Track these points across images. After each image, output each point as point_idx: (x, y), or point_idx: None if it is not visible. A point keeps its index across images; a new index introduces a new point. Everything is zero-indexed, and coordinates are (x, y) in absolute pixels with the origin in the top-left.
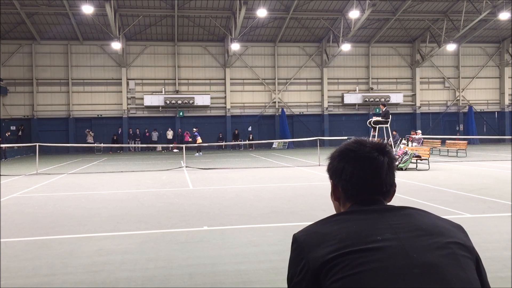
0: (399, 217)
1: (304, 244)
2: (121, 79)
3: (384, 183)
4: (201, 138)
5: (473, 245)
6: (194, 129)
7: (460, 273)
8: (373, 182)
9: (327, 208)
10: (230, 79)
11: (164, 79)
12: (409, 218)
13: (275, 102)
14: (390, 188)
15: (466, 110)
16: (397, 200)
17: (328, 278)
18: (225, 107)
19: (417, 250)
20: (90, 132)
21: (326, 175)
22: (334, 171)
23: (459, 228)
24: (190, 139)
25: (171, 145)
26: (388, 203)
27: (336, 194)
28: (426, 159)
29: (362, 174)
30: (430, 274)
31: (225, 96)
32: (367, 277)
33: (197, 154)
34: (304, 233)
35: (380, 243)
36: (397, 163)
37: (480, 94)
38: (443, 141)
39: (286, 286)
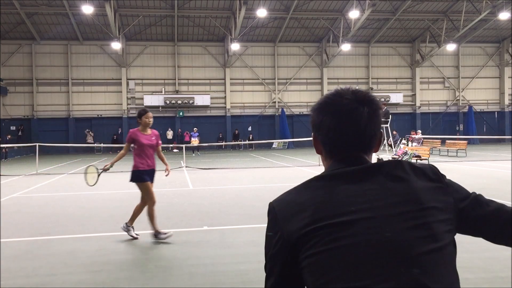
0: (374, 182)
1: (279, 216)
2: (121, 79)
3: (363, 135)
4: (198, 138)
5: (453, 193)
6: (195, 129)
7: (431, 244)
8: (352, 135)
9: None
10: (230, 79)
11: (164, 79)
12: (385, 182)
13: (275, 102)
14: (371, 141)
15: (466, 110)
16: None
17: (302, 252)
18: (225, 107)
19: (389, 224)
20: (90, 132)
21: None
22: (314, 124)
23: (433, 180)
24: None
25: (171, 145)
26: (374, 153)
27: (317, 147)
28: (426, 159)
29: (340, 127)
30: (401, 252)
31: (225, 96)
32: (339, 254)
33: (195, 154)
34: (280, 203)
35: (352, 216)
36: None
37: (480, 94)
38: (443, 141)
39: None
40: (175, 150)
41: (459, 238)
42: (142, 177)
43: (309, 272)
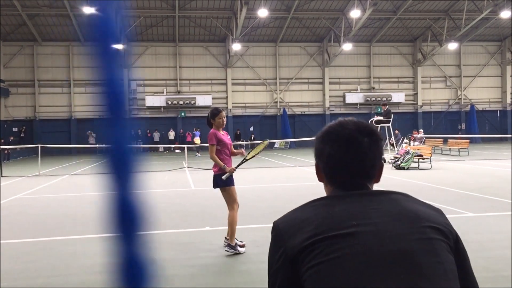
0: (377, 202)
1: (283, 232)
2: (122, 80)
3: (363, 165)
4: (200, 138)
5: (453, 228)
6: (197, 129)
7: (432, 257)
8: (351, 164)
9: None
10: (232, 79)
11: (166, 80)
12: (388, 203)
13: (276, 102)
14: (371, 170)
15: (468, 109)
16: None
17: (304, 264)
18: (227, 107)
19: (391, 236)
20: (92, 134)
21: None
22: (316, 152)
23: (438, 211)
24: (192, 139)
25: (173, 146)
26: (375, 184)
27: (319, 175)
28: (428, 158)
29: (339, 155)
30: (401, 261)
31: (227, 96)
32: (339, 264)
33: (197, 154)
34: (283, 220)
35: (354, 228)
36: (399, 162)
37: (481, 92)
38: (445, 140)
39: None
40: (177, 151)
41: (462, 237)
42: (230, 180)
43: (311, 283)
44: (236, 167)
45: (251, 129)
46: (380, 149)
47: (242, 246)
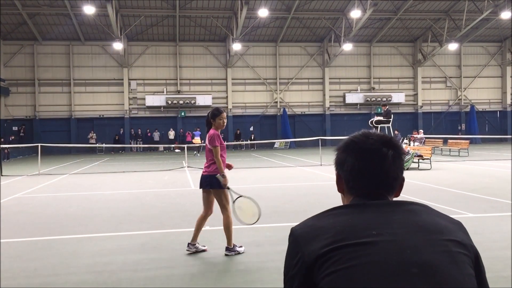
0: (398, 213)
1: (300, 238)
2: (122, 80)
3: (387, 176)
4: (200, 138)
5: (473, 242)
6: (197, 128)
7: (453, 270)
8: (374, 175)
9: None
10: (232, 79)
11: (166, 79)
12: (408, 214)
13: (276, 102)
14: (394, 182)
15: (468, 109)
16: (399, 199)
17: (321, 271)
18: (227, 107)
19: (411, 247)
20: (93, 135)
21: (328, 175)
22: (337, 162)
23: (458, 225)
24: (192, 139)
25: (173, 145)
26: (395, 198)
27: (339, 186)
28: (428, 159)
29: (363, 166)
30: (422, 271)
31: (227, 96)
32: (358, 271)
33: (197, 154)
34: (301, 227)
35: (374, 238)
36: None
37: (482, 93)
38: (445, 141)
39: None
40: (177, 150)
41: None
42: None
43: None
44: (229, 188)
45: (251, 129)
46: (402, 163)
47: (205, 250)
